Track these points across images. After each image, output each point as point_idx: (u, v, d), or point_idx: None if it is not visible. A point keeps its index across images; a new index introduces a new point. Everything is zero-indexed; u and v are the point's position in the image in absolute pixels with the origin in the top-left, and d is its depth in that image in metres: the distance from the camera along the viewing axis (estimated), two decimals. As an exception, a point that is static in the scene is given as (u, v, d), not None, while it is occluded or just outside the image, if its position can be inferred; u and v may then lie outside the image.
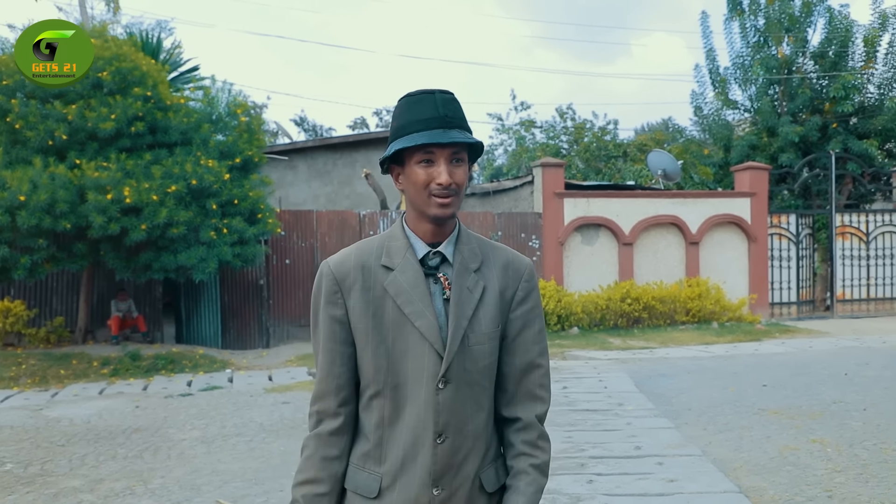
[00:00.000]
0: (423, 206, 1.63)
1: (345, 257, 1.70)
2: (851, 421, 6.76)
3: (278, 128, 26.21)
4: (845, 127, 17.32)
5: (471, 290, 1.66)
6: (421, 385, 1.62)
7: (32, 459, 6.06)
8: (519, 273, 1.75)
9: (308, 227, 13.29)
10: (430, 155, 1.61)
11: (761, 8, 18.03)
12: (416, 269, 1.65)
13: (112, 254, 10.47)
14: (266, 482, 5.34)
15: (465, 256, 1.69)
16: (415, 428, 1.62)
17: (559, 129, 24.35)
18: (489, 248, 1.76)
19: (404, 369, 1.63)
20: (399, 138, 1.63)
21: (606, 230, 14.67)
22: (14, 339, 11.73)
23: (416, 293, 1.63)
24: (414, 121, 1.62)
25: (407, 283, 1.64)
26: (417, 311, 1.62)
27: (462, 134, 1.63)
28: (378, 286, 1.65)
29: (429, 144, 1.59)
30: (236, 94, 12.15)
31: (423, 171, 1.61)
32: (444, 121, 1.62)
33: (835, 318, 16.12)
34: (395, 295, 1.63)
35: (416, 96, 1.65)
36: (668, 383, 8.78)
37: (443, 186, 1.60)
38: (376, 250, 1.69)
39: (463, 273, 1.67)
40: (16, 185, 9.27)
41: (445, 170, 1.61)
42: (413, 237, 1.69)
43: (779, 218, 16.02)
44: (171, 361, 10.67)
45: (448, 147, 1.61)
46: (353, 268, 1.67)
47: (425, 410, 1.62)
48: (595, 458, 5.70)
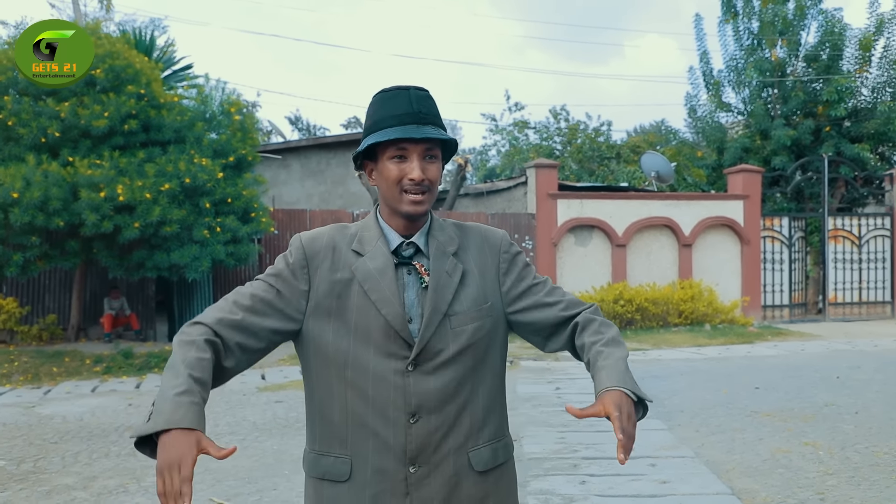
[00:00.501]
0: (396, 202, 1.63)
1: (318, 235, 1.70)
2: (843, 424, 6.80)
3: (272, 126, 26.15)
4: (838, 130, 17.41)
5: (450, 274, 1.66)
6: (388, 369, 1.60)
7: (25, 457, 6.03)
8: (495, 247, 1.76)
9: (301, 226, 13.28)
10: (403, 151, 1.60)
11: (755, 11, 18.10)
12: (387, 258, 1.65)
13: (105, 252, 10.44)
14: (259, 481, 5.33)
15: (441, 241, 1.70)
16: (383, 409, 1.60)
17: (553, 130, 24.39)
18: (463, 230, 1.77)
19: (367, 354, 1.61)
20: (372, 133, 1.62)
21: (600, 231, 14.70)
22: (6, 336, 11.68)
23: (384, 280, 1.62)
24: (387, 116, 1.61)
25: (376, 269, 1.63)
26: (384, 299, 1.61)
27: (436, 130, 1.63)
28: (346, 269, 1.64)
29: (402, 140, 1.59)
30: (230, 92, 12.11)
31: (396, 166, 1.61)
32: (418, 116, 1.61)
33: (827, 321, 16.20)
34: (362, 280, 1.62)
35: (390, 92, 1.65)
36: (660, 385, 8.80)
37: (415, 182, 1.60)
38: (349, 236, 1.69)
39: (440, 258, 1.67)
40: (9, 182, 9.24)
41: (418, 165, 1.60)
42: (387, 228, 1.69)
43: (771, 221, 16.08)
44: (163, 359, 10.63)
45: (421, 143, 1.61)
46: (324, 247, 1.67)
47: (394, 393, 1.60)
48: (588, 458, 5.72)
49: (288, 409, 7.83)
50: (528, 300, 1.74)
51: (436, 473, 1.63)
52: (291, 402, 8.17)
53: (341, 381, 1.63)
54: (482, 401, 1.70)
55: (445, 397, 1.63)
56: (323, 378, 1.66)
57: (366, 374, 1.61)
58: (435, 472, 1.63)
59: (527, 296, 1.74)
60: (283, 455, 6.01)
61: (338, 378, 1.63)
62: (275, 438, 6.60)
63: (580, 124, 24.22)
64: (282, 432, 6.82)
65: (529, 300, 1.74)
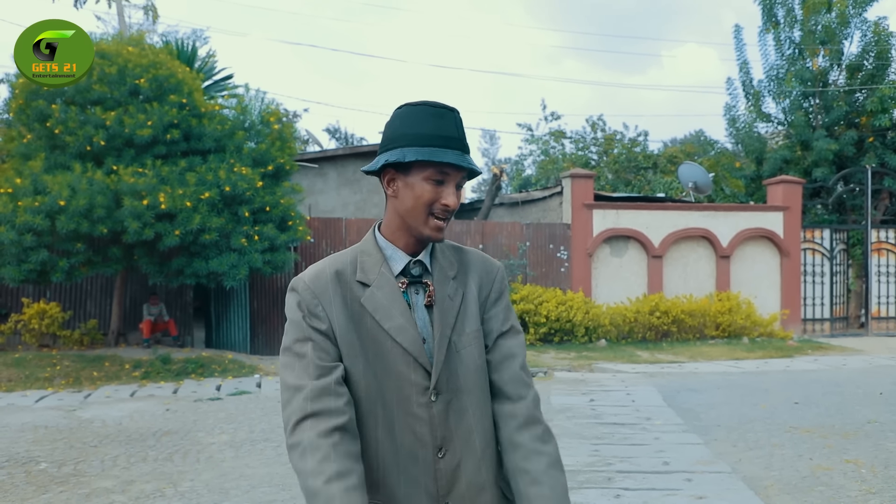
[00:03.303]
0: (419, 223, 1.59)
1: (318, 272, 1.63)
2: (887, 442, 6.63)
3: (309, 135, 26.43)
4: (882, 141, 17.06)
5: (451, 298, 1.64)
6: (410, 401, 1.58)
7: (66, 459, 6.16)
8: (491, 276, 1.74)
9: (337, 234, 13.39)
10: (444, 175, 1.57)
11: (797, 20, 17.85)
12: (392, 284, 1.61)
13: (145, 258, 10.64)
14: (293, 488, 5.37)
15: (443, 265, 1.67)
16: (410, 446, 1.58)
17: (589, 140, 24.28)
18: (462, 254, 1.74)
19: (389, 386, 1.58)
20: (416, 147, 1.56)
21: (635, 242, 14.57)
22: (49, 340, 11.96)
23: (396, 308, 1.59)
24: (437, 135, 1.57)
25: (385, 298, 1.59)
26: (398, 326, 1.57)
27: (476, 165, 1.62)
28: (355, 302, 1.59)
29: (449, 165, 1.56)
30: (269, 102, 12.28)
31: (432, 188, 1.57)
32: (462, 143, 1.59)
33: (869, 335, 15.83)
34: (372, 311, 1.58)
35: (436, 109, 1.60)
36: (697, 398, 8.68)
37: (447, 209, 1.58)
38: (350, 265, 1.64)
39: (443, 281, 1.65)
40: (56, 189, 9.47)
41: (454, 193, 1.59)
42: (390, 248, 1.65)
43: (812, 233, 15.80)
44: (200, 365, 10.79)
45: (462, 171, 1.60)
46: (329, 282, 1.61)
47: (419, 426, 1.58)
48: (622, 472, 5.66)
49: (322, 416, 7.87)
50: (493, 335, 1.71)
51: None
52: (325, 409, 8.20)
53: (372, 419, 1.59)
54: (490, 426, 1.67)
55: (469, 426, 1.61)
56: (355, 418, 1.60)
57: (393, 409, 1.58)
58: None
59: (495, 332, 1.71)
60: (316, 462, 6.04)
61: (369, 416, 1.59)
62: (309, 445, 6.64)
63: (616, 134, 24.08)
64: (316, 439, 6.86)
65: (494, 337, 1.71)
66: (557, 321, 13.15)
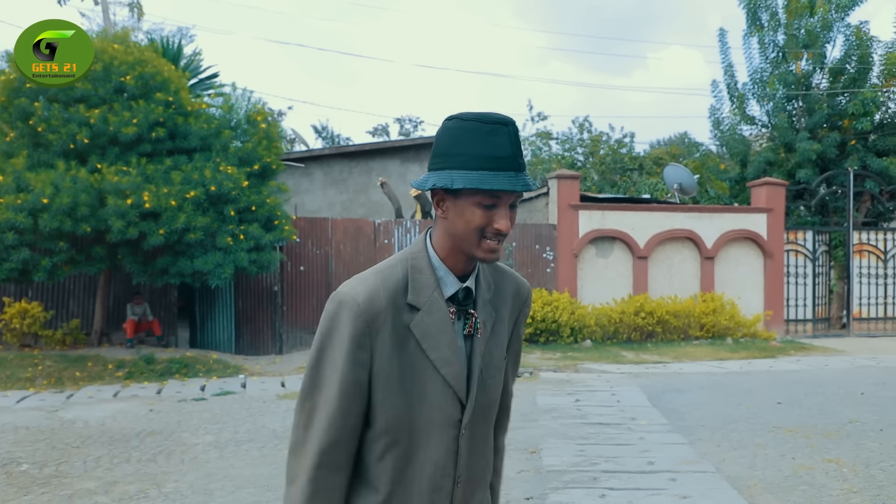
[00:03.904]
0: (471, 247, 1.51)
1: (374, 293, 1.50)
2: (868, 441, 6.70)
3: (295, 135, 26.36)
4: (864, 144, 17.22)
5: (485, 324, 1.60)
6: (442, 432, 1.54)
7: (48, 460, 6.11)
8: (522, 299, 1.72)
9: (323, 234, 13.35)
10: (496, 199, 1.47)
11: (781, 24, 18.00)
12: (444, 311, 1.54)
13: (129, 258, 10.56)
14: (278, 489, 5.35)
15: (482, 286, 1.62)
16: (432, 476, 1.54)
17: (575, 141, 24.37)
18: (498, 273, 1.68)
19: (420, 416, 1.52)
20: (465, 170, 1.46)
21: (621, 243, 14.64)
22: (31, 340, 11.84)
23: (444, 338, 1.53)
24: (487, 157, 1.45)
25: (434, 326, 1.52)
26: (444, 358, 1.52)
27: (531, 182, 1.53)
28: (403, 326, 1.51)
29: (499, 190, 1.46)
30: (256, 101, 12.24)
31: (483, 213, 1.48)
32: (516, 162, 1.48)
33: (851, 336, 15.98)
34: (420, 338, 1.51)
35: (488, 124, 1.47)
36: (681, 398, 8.73)
37: (500, 233, 1.49)
38: (401, 282, 1.53)
39: (481, 306, 1.61)
40: (39, 187, 9.38)
41: (506, 215, 1.49)
42: (443, 270, 1.56)
43: (795, 234, 15.93)
44: (184, 366, 10.73)
45: (515, 193, 1.50)
46: (385, 307, 1.50)
47: (445, 458, 1.55)
48: (607, 472, 5.68)
49: (307, 416, 7.85)
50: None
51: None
52: (311, 409, 8.18)
53: (393, 450, 1.54)
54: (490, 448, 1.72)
55: (479, 455, 1.62)
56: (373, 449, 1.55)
57: (422, 441, 1.53)
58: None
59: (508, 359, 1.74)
60: (302, 462, 6.03)
61: (391, 447, 1.54)
62: (294, 446, 6.62)
63: (603, 135, 24.20)
64: (301, 440, 6.84)
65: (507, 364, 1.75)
66: (543, 321, 13.18)
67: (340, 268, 13.27)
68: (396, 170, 18.04)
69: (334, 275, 13.26)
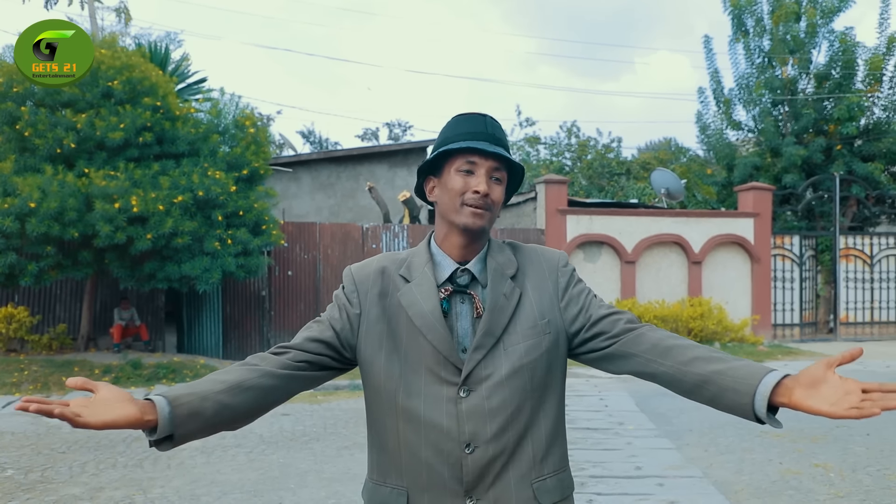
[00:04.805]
0: (454, 214, 1.61)
1: (366, 263, 1.74)
2: (854, 446, 6.75)
3: (283, 140, 26.31)
4: (850, 149, 17.37)
5: (507, 297, 1.63)
6: (439, 396, 1.58)
7: (33, 466, 6.06)
8: (553, 265, 1.72)
9: (311, 239, 13.33)
10: (472, 165, 1.61)
11: (766, 30, 18.14)
12: (431, 284, 1.63)
13: (117, 262, 10.50)
14: (265, 494, 5.34)
15: (500, 263, 1.67)
16: (436, 439, 1.57)
17: (563, 146, 24.46)
18: (521, 252, 1.74)
19: (418, 380, 1.59)
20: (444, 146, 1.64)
21: (609, 248, 14.69)
22: (17, 345, 11.75)
23: (428, 305, 1.61)
24: (461, 133, 1.63)
25: (420, 294, 1.62)
26: (428, 325, 1.60)
27: (505, 152, 1.64)
28: (393, 295, 1.65)
29: (472, 151, 1.60)
30: (244, 106, 12.20)
31: (462, 178, 1.60)
32: (492, 137, 1.63)
33: (838, 340, 16.09)
34: (407, 306, 1.62)
35: (466, 115, 1.68)
36: (669, 403, 8.76)
37: (479, 195, 1.59)
38: (399, 262, 1.70)
39: (499, 280, 1.65)
40: (26, 191, 9.32)
41: (485, 180, 1.60)
42: (440, 254, 1.67)
43: (782, 239, 16.03)
44: (172, 371, 10.68)
45: (490, 159, 1.61)
46: (373, 272, 1.69)
47: (447, 421, 1.57)
48: (595, 477, 5.69)
49: (294, 422, 7.84)
50: (587, 316, 1.68)
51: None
52: (298, 415, 8.17)
53: (392, 409, 1.61)
54: (546, 426, 1.65)
55: (503, 423, 1.59)
56: (376, 405, 1.66)
57: (417, 402, 1.59)
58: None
59: (586, 311, 1.69)
60: (288, 468, 6.02)
61: (389, 406, 1.62)
62: (281, 452, 6.61)
63: (590, 140, 24.29)
64: (288, 445, 6.83)
65: (589, 317, 1.68)
66: (532, 326, 13.19)
67: (328, 272, 13.25)
68: (384, 174, 18.04)
69: (322, 279, 13.24)
